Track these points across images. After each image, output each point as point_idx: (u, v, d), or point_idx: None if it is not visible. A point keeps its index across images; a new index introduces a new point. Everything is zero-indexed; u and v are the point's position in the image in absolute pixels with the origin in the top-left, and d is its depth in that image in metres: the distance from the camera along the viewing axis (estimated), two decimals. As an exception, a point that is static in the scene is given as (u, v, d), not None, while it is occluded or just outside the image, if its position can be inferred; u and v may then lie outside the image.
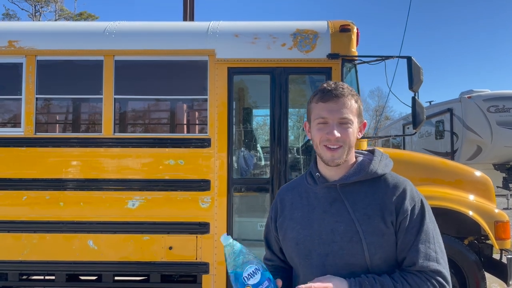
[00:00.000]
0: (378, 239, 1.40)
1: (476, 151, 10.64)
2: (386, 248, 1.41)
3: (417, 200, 1.46)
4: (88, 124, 5.26)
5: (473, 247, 4.54)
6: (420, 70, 4.16)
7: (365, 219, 1.42)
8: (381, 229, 1.41)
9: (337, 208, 1.47)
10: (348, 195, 1.47)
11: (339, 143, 1.45)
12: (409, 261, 1.41)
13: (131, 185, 4.29)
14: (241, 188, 4.67)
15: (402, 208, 1.43)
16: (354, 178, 1.48)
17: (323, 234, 1.46)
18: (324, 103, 1.47)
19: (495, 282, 5.53)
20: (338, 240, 1.43)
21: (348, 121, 1.46)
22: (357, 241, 1.40)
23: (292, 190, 1.63)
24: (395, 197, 1.45)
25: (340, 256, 1.42)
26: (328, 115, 1.46)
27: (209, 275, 4.26)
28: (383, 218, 1.42)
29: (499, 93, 10.73)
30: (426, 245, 1.40)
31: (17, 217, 4.30)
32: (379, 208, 1.43)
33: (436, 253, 1.41)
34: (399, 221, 1.42)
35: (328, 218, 1.46)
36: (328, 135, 1.45)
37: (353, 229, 1.41)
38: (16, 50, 4.41)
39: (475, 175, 4.70)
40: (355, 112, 1.49)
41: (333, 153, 1.46)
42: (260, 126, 7.93)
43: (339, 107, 1.45)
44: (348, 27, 4.34)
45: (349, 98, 1.47)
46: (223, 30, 4.46)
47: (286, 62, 4.33)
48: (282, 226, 1.58)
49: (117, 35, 4.46)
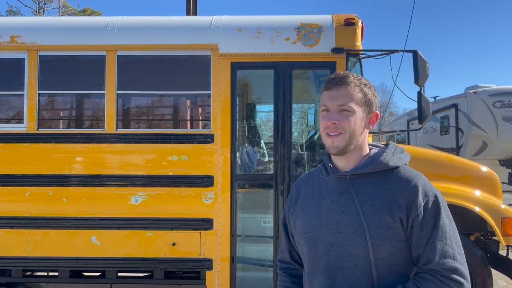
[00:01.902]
0: (384, 231, 1.38)
1: (481, 146, 10.55)
2: (392, 242, 1.39)
3: (431, 195, 1.43)
4: (91, 120, 5.24)
5: (479, 244, 4.50)
6: (426, 64, 4.10)
7: (371, 211, 1.41)
8: (387, 222, 1.39)
9: (345, 199, 1.46)
10: (357, 186, 1.47)
11: (338, 130, 1.45)
12: (425, 259, 1.38)
13: (134, 181, 4.27)
14: (245, 184, 4.64)
15: (415, 204, 1.40)
16: (365, 169, 1.48)
17: (330, 224, 1.46)
18: (327, 91, 1.49)
19: (501, 279, 5.49)
20: (343, 231, 1.43)
21: (348, 108, 1.46)
22: (361, 233, 1.39)
23: (307, 181, 1.64)
24: (406, 191, 1.42)
25: (344, 246, 1.42)
26: (329, 102, 1.48)
27: (212, 272, 4.24)
28: (391, 211, 1.40)
29: (505, 88, 10.62)
30: (442, 241, 1.38)
31: (20, 213, 4.29)
32: (387, 200, 1.41)
33: (452, 249, 1.38)
34: (413, 217, 1.39)
35: (336, 209, 1.47)
36: (327, 122, 1.46)
37: (358, 221, 1.41)
38: (18, 45, 4.39)
39: (481, 170, 4.64)
40: (359, 101, 1.48)
41: (332, 139, 1.46)
42: (263, 121, 7.90)
43: (340, 95, 1.46)
44: (352, 21, 4.29)
45: (352, 87, 1.47)
46: (226, 24, 4.42)
47: (290, 56, 4.28)
48: (293, 215, 1.60)
49: (120, 30, 4.42)
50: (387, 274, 1.40)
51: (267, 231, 4.55)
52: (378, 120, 1.57)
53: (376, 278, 1.39)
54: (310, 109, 6.63)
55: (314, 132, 5.84)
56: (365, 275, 1.39)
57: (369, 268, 1.39)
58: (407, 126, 14.01)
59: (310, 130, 6.44)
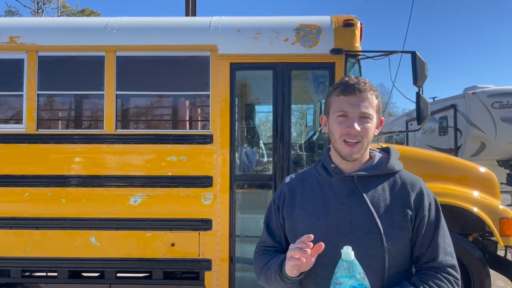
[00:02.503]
0: (397, 231, 1.43)
1: (480, 147, 10.57)
2: (403, 242, 1.44)
3: (432, 197, 1.51)
4: (90, 121, 5.24)
5: (478, 244, 4.50)
6: (425, 65, 4.11)
7: (384, 211, 1.44)
8: (400, 222, 1.44)
9: (354, 200, 1.48)
10: (365, 188, 1.49)
11: (358, 138, 1.47)
12: (429, 256, 1.45)
13: (133, 182, 4.27)
14: (244, 185, 4.65)
15: (422, 205, 1.47)
16: (373, 172, 1.51)
17: (340, 225, 1.46)
18: (346, 96, 1.48)
19: (499, 279, 5.50)
20: (356, 232, 1.44)
21: (368, 115, 1.48)
22: (376, 233, 1.42)
23: (302, 181, 1.63)
24: (414, 193, 1.49)
25: (358, 247, 1.40)
26: (350, 108, 1.47)
27: (211, 272, 4.24)
28: (403, 211, 1.45)
29: (503, 89, 10.63)
30: (443, 240, 1.46)
31: (19, 214, 4.29)
32: (399, 201, 1.47)
33: (450, 247, 1.47)
34: (420, 217, 1.46)
35: (345, 210, 1.47)
36: (348, 129, 1.46)
37: (372, 222, 1.43)
38: (17, 46, 4.39)
39: (479, 171, 4.65)
40: (376, 108, 1.51)
41: (352, 148, 1.48)
42: (262, 122, 7.91)
43: (361, 101, 1.47)
44: (351, 22, 4.29)
45: (371, 94, 1.49)
46: (225, 25, 4.42)
47: (289, 57, 4.29)
48: (291, 216, 1.57)
49: (119, 30, 4.43)
50: (394, 274, 1.43)
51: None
52: (382, 125, 1.60)
53: (387, 277, 1.41)
54: (309, 109, 6.64)
55: (313, 133, 5.85)
56: (378, 275, 1.41)
57: (383, 267, 1.41)
58: (406, 126, 14.02)
59: (309, 131, 6.45)
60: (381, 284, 1.41)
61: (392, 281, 1.42)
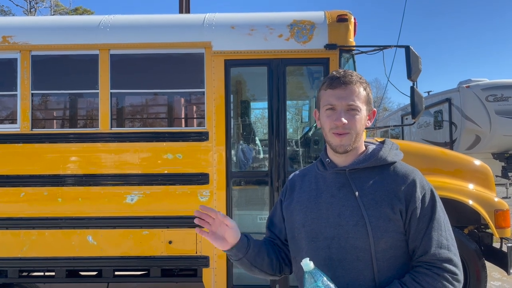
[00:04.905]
0: (384, 224, 1.42)
1: (475, 140, 10.63)
2: (392, 234, 1.42)
3: (427, 189, 1.48)
4: (85, 119, 5.22)
5: (473, 236, 4.54)
6: (419, 59, 4.13)
7: (371, 204, 1.44)
8: (387, 215, 1.42)
9: (344, 193, 1.49)
10: (356, 180, 1.50)
11: (346, 130, 1.47)
12: (422, 250, 1.42)
13: (129, 180, 4.27)
14: (240, 182, 4.65)
15: (414, 197, 1.45)
16: (364, 164, 1.51)
17: (330, 217, 1.48)
18: (333, 90, 1.49)
19: (495, 271, 5.55)
20: (344, 224, 1.45)
21: (355, 107, 1.48)
22: (362, 225, 1.42)
23: (303, 177, 1.67)
24: (404, 185, 1.47)
25: (345, 239, 1.44)
26: (336, 101, 1.48)
27: (209, 269, 4.26)
28: (391, 204, 1.43)
29: (497, 82, 10.69)
30: (438, 232, 1.43)
31: (15, 214, 4.28)
32: (387, 194, 1.45)
33: (447, 240, 1.43)
34: (411, 209, 1.44)
35: (336, 203, 1.49)
36: (336, 122, 1.47)
37: (359, 214, 1.43)
38: (10, 45, 4.36)
39: (474, 164, 4.68)
40: (363, 99, 1.51)
41: (341, 138, 1.48)
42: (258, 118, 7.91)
43: (347, 94, 1.47)
44: (345, 17, 4.30)
45: (358, 86, 1.49)
46: (219, 22, 4.41)
47: (283, 53, 4.29)
48: (289, 208, 1.62)
49: (112, 28, 4.41)
50: (387, 267, 1.42)
51: (263, 228, 4.55)
52: (375, 116, 1.60)
53: (377, 271, 1.41)
54: (304, 105, 6.64)
55: (308, 129, 5.85)
56: (366, 267, 1.41)
57: (370, 260, 1.41)
58: (401, 121, 14.08)
59: (304, 127, 6.45)
60: (372, 276, 1.41)
61: (386, 275, 1.41)
